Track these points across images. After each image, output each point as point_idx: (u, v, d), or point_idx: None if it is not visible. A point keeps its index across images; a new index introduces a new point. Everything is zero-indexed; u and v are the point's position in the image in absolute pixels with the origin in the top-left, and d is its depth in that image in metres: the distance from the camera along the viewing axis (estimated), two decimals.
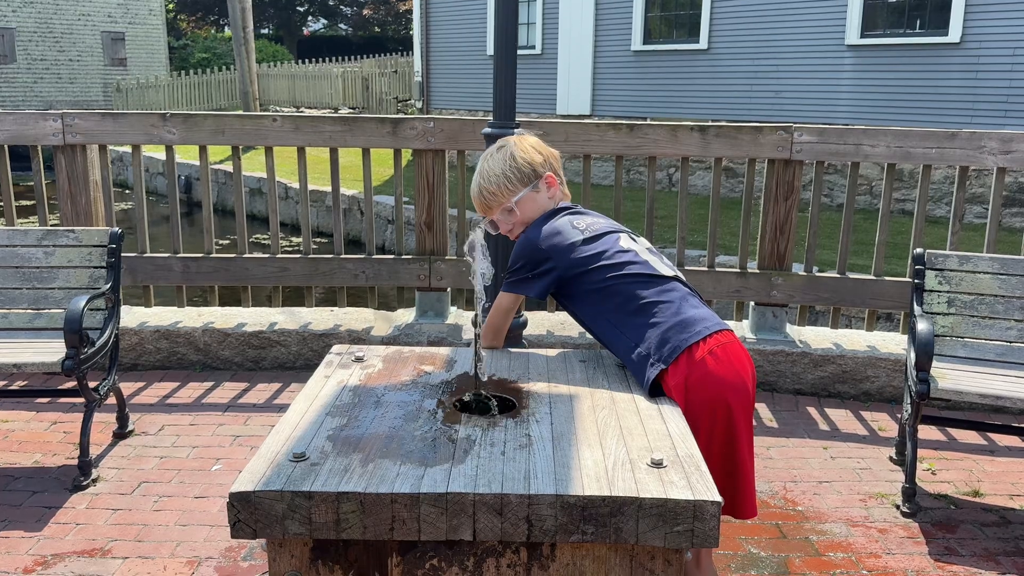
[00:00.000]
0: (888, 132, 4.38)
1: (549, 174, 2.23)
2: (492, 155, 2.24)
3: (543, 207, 2.23)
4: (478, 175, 2.24)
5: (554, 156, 2.28)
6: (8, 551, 2.86)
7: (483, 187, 2.22)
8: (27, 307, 3.72)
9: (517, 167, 2.19)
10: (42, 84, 27.29)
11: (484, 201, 2.23)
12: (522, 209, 2.21)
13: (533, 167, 2.21)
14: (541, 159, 2.23)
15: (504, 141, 2.26)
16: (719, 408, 2.02)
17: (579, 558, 1.52)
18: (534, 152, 2.23)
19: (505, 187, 2.19)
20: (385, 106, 23.33)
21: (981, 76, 10.23)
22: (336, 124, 4.60)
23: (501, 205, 2.20)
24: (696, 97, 13.29)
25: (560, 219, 2.21)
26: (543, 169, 2.23)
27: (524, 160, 2.20)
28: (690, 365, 2.00)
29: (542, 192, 2.23)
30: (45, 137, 4.53)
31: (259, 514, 1.47)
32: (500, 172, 2.19)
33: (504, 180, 2.18)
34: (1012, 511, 3.26)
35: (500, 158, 2.22)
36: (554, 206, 2.25)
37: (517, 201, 2.19)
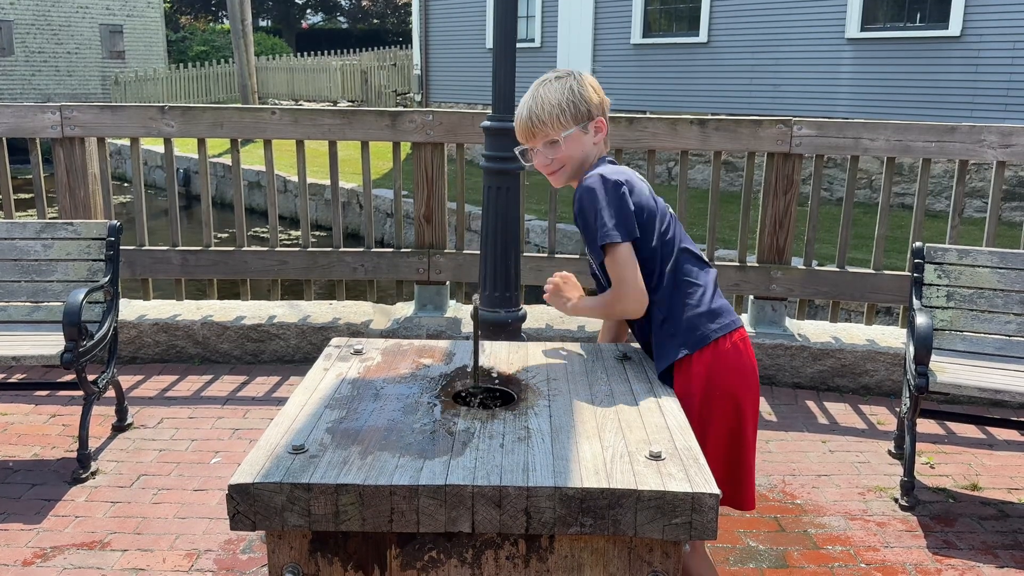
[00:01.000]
0: (888, 126, 4.38)
1: (601, 118, 2.10)
2: (550, 82, 2.09)
3: (587, 152, 2.10)
4: (530, 100, 2.08)
5: (607, 104, 2.14)
6: (7, 543, 2.87)
7: (534, 113, 2.07)
8: (26, 300, 3.72)
9: (574, 101, 2.06)
10: (40, 77, 27.22)
11: (531, 128, 2.09)
12: (567, 147, 2.07)
13: (589, 106, 2.08)
14: (598, 100, 2.09)
15: (564, 71, 2.13)
16: (735, 400, 2.03)
17: (577, 550, 1.53)
18: (593, 91, 2.09)
19: (558, 119, 2.05)
20: (384, 99, 23.29)
21: (981, 70, 10.21)
22: (335, 117, 4.59)
23: (547, 136, 2.07)
24: (695, 91, 13.26)
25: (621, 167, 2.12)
26: (597, 112, 2.09)
27: (582, 96, 2.07)
28: (715, 355, 2.00)
29: (590, 135, 2.09)
30: (43, 130, 4.52)
31: (258, 506, 1.47)
32: (556, 102, 2.04)
33: (559, 111, 2.05)
34: (1010, 505, 3.27)
35: (559, 87, 2.07)
36: (599, 154, 2.13)
37: (565, 137, 2.06)
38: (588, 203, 2.01)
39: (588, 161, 2.12)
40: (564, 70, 2.14)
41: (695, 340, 2.01)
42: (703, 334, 2.01)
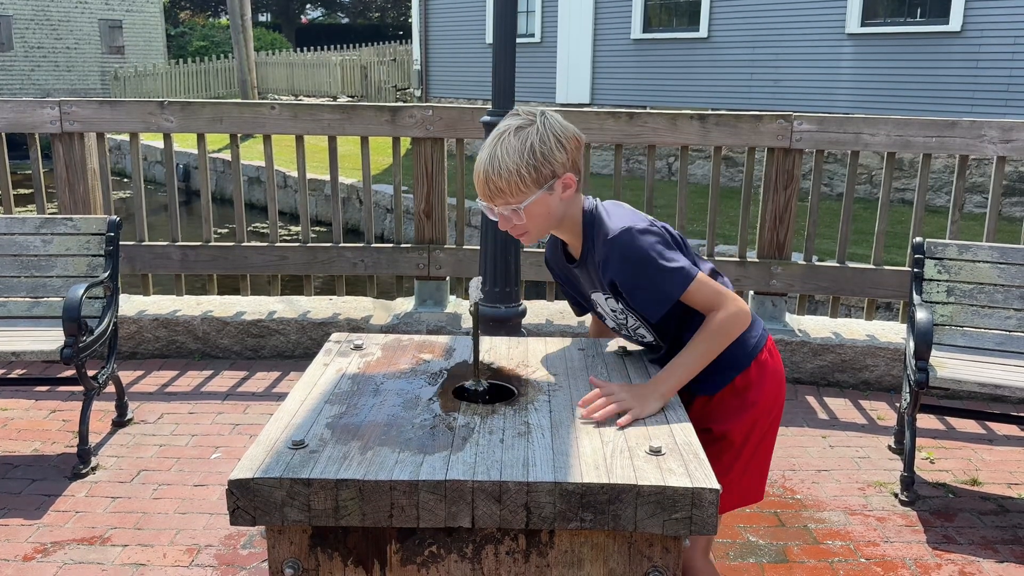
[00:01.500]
0: (888, 121, 4.37)
1: (569, 175, 1.85)
2: (508, 139, 1.81)
3: (555, 211, 1.87)
4: (487, 159, 1.82)
5: (578, 146, 1.87)
6: (8, 539, 2.87)
7: (491, 177, 1.81)
8: (25, 295, 3.72)
9: (536, 164, 1.80)
10: (39, 72, 27.19)
11: (488, 193, 1.84)
12: (532, 210, 1.84)
13: (554, 166, 1.82)
14: (563, 157, 1.83)
15: (526, 121, 1.83)
16: (781, 405, 2.03)
17: (577, 545, 1.53)
18: (557, 148, 1.82)
19: (517, 186, 1.80)
20: (384, 94, 23.26)
21: (982, 65, 10.20)
22: (335, 112, 4.58)
23: (507, 203, 1.83)
24: (696, 86, 13.25)
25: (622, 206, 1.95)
26: (563, 169, 1.84)
27: (544, 156, 1.80)
28: (760, 365, 1.97)
29: (556, 194, 1.85)
30: (43, 125, 4.51)
31: (258, 501, 1.47)
32: (515, 167, 1.78)
33: (517, 178, 1.79)
34: (1010, 500, 3.27)
35: (517, 147, 1.80)
36: (579, 203, 1.92)
37: (526, 206, 1.82)
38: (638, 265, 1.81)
39: (568, 214, 1.91)
40: (527, 116, 1.85)
41: (744, 357, 1.95)
42: (753, 345, 1.96)
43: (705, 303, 1.85)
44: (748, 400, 1.96)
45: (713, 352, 1.86)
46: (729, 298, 1.86)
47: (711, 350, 1.86)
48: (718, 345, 1.86)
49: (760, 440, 2.01)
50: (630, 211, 1.92)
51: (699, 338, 1.85)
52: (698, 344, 1.85)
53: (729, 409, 1.95)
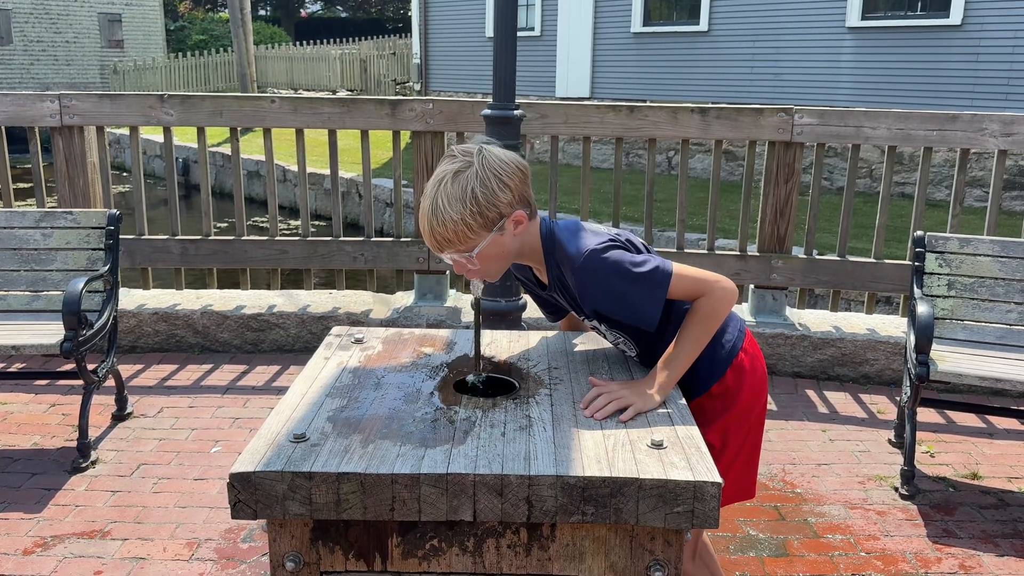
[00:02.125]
0: (889, 114, 4.36)
1: (518, 212, 1.77)
2: (447, 187, 1.72)
3: (508, 249, 1.80)
4: (431, 210, 1.73)
5: (523, 177, 1.79)
6: (8, 533, 2.87)
7: (435, 229, 1.73)
8: (25, 289, 3.71)
9: (479, 211, 1.71)
10: (39, 66, 27.13)
11: (436, 243, 1.76)
12: (483, 257, 1.77)
13: (499, 208, 1.73)
14: (508, 196, 1.74)
15: (463, 164, 1.74)
16: (761, 401, 2.02)
17: (579, 538, 1.52)
18: (500, 189, 1.73)
19: (464, 234, 1.72)
20: (383, 88, 23.22)
21: (982, 59, 10.18)
22: (335, 105, 4.57)
23: (456, 250, 1.76)
24: (696, 79, 13.23)
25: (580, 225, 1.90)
26: (510, 208, 1.75)
27: (488, 200, 1.72)
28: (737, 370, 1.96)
29: (508, 232, 1.77)
30: (42, 118, 4.50)
31: (259, 495, 1.46)
32: (459, 217, 1.70)
33: (463, 227, 1.71)
34: (1010, 493, 3.27)
35: (458, 196, 1.70)
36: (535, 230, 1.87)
37: (478, 252, 1.76)
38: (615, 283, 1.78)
39: (527, 244, 1.86)
40: (464, 158, 1.75)
41: (720, 364, 1.94)
42: (728, 351, 1.95)
43: (688, 292, 1.83)
44: (725, 405, 1.95)
45: (706, 337, 1.84)
46: (710, 280, 1.83)
47: (703, 336, 1.84)
48: (709, 329, 1.84)
49: (744, 439, 2.00)
50: (588, 231, 1.86)
51: (690, 326, 1.83)
52: (690, 332, 1.83)
53: (707, 414, 1.93)
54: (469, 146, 1.79)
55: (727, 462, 1.96)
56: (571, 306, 1.98)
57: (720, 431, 1.95)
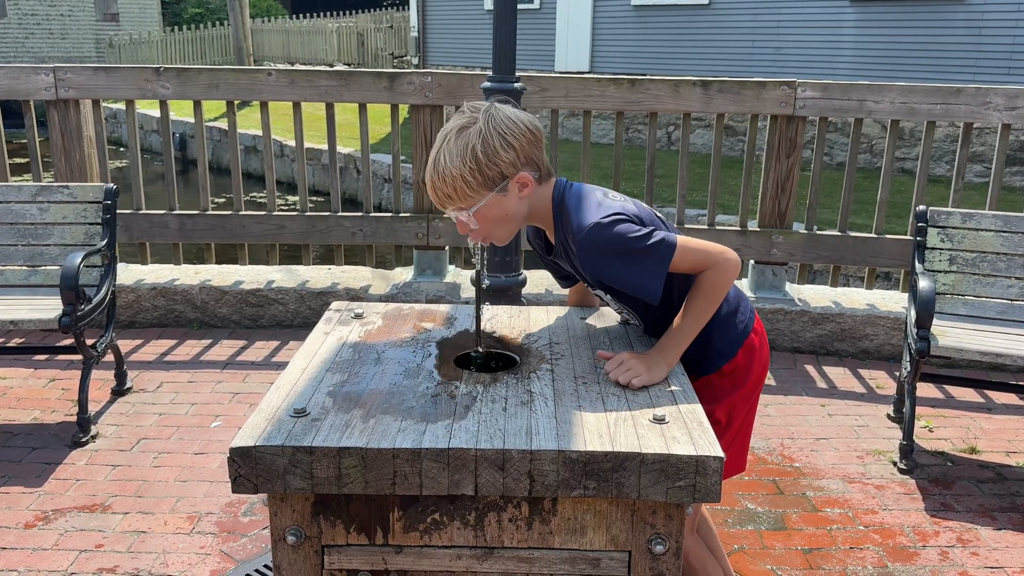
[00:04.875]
0: (893, 88, 4.33)
1: (522, 174, 1.75)
2: (450, 142, 1.72)
3: (513, 211, 1.79)
4: (432, 164, 1.74)
5: (533, 139, 1.76)
6: (9, 506, 2.87)
7: (436, 184, 1.74)
8: (23, 264, 3.70)
9: (479, 168, 1.70)
10: (33, 40, 26.86)
11: (437, 199, 1.77)
12: (483, 217, 1.76)
13: (501, 168, 1.72)
14: (512, 156, 1.72)
15: (470, 120, 1.73)
16: (762, 381, 2.03)
17: (580, 512, 1.52)
18: (503, 148, 1.71)
19: (463, 191, 1.72)
20: (381, 62, 23.04)
21: (985, 32, 10.09)
22: (332, 78, 4.53)
23: (458, 207, 1.76)
24: (697, 53, 13.11)
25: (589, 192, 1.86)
26: (513, 169, 1.74)
27: (490, 159, 1.70)
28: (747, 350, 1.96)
29: (511, 194, 1.76)
30: (37, 91, 4.46)
31: (260, 469, 1.46)
32: (458, 173, 1.70)
33: (462, 183, 1.71)
34: (1008, 468, 3.29)
35: (459, 151, 1.70)
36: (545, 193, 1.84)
37: (476, 211, 1.75)
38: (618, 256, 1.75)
39: (536, 208, 1.84)
40: (471, 114, 1.74)
41: (732, 345, 1.94)
42: (741, 331, 1.94)
43: (692, 266, 1.80)
44: (734, 383, 1.95)
45: (711, 310, 1.82)
46: (715, 253, 1.80)
47: (708, 309, 1.81)
48: (715, 302, 1.82)
49: (744, 417, 2.02)
50: (596, 202, 1.82)
51: (694, 300, 1.81)
52: (695, 306, 1.81)
53: (715, 392, 1.94)
54: (481, 103, 1.77)
55: (730, 438, 1.98)
56: (576, 273, 1.97)
57: (727, 409, 1.95)
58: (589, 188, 1.88)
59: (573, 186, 1.88)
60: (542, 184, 1.82)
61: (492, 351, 1.91)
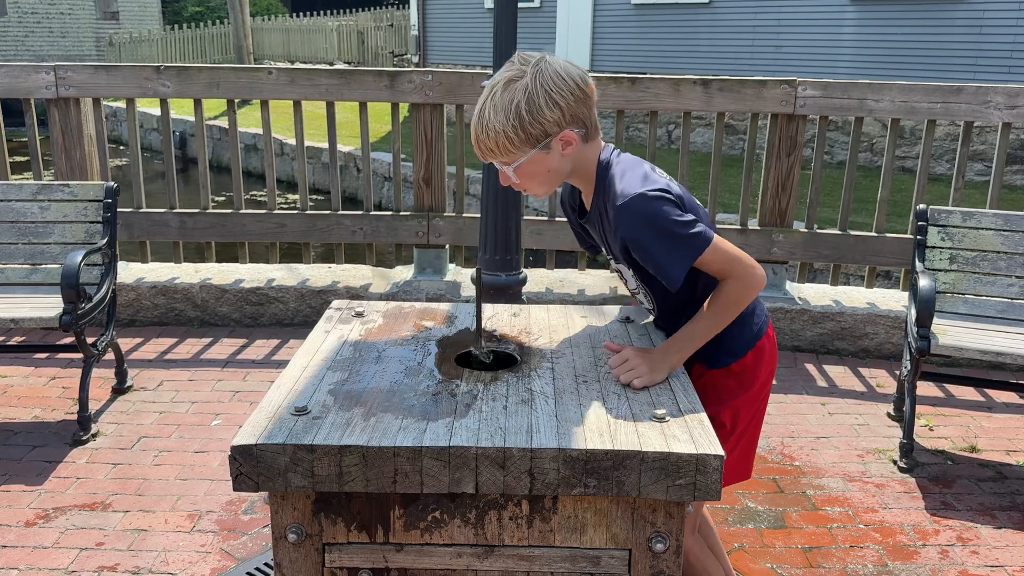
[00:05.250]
0: (893, 86, 4.33)
1: (566, 132, 1.72)
2: (496, 96, 1.70)
3: (556, 169, 1.77)
4: (477, 117, 1.73)
5: (581, 96, 1.72)
6: (10, 504, 2.88)
7: (480, 137, 1.73)
8: (23, 262, 3.70)
9: (521, 125, 1.68)
10: (33, 38, 26.84)
11: (480, 151, 1.76)
12: (529, 169, 1.75)
13: (544, 126, 1.69)
14: (556, 115, 1.69)
15: (518, 73, 1.69)
16: (769, 385, 2.02)
17: (581, 510, 1.53)
18: (548, 106, 1.68)
19: (505, 147, 1.71)
20: (381, 60, 23.03)
21: (985, 31, 10.09)
22: (332, 77, 4.53)
23: (500, 161, 1.75)
24: (697, 52, 13.11)
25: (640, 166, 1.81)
26: (557, 128, 1.71)
27: (533, 116, 1.68)
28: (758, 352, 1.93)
29: (554, 152, 1.74)
30: (38, 90, 4.46)
31: (261, 467, 1.46)
32: (501, 128, 1.68)
33: (504, 139, 1.69)
34: (1008, 466, 3.29)
35: (505, 105, 1.68)
36: (591, 154, 1.81)
37: (518, 166, 1.74)
38: (651, 232, 1.70)
39: (578, 167, 1.82)
40: (518, 67, 1.71)
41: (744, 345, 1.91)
42: (755, 333, 1.92)
43: (719, 269, 1.77)
44: (741, 384, 1.93)
45: (724, 323, 1.80)
46: (744, 263, 1.76)
47: (723, 321, 1.79)
48: (730, 316, 1.79)
49: (750, 421, 1.99)
50: (643, 173, 1.77)
51: (712, 309, 1.79)
52: (710, 315, 1.79)
53: (721, 392, 1.92)
54: (533, 54, 1.74)
55: (735, 441, 1.96)
56: (602, 242, 1.94)
57: (732, 412, 1.93)
58: (638, 160, 1.85)
59: (622, 154, 1.86)
60: (588, 143, 1.79)
61: (492, 350, 1.91)
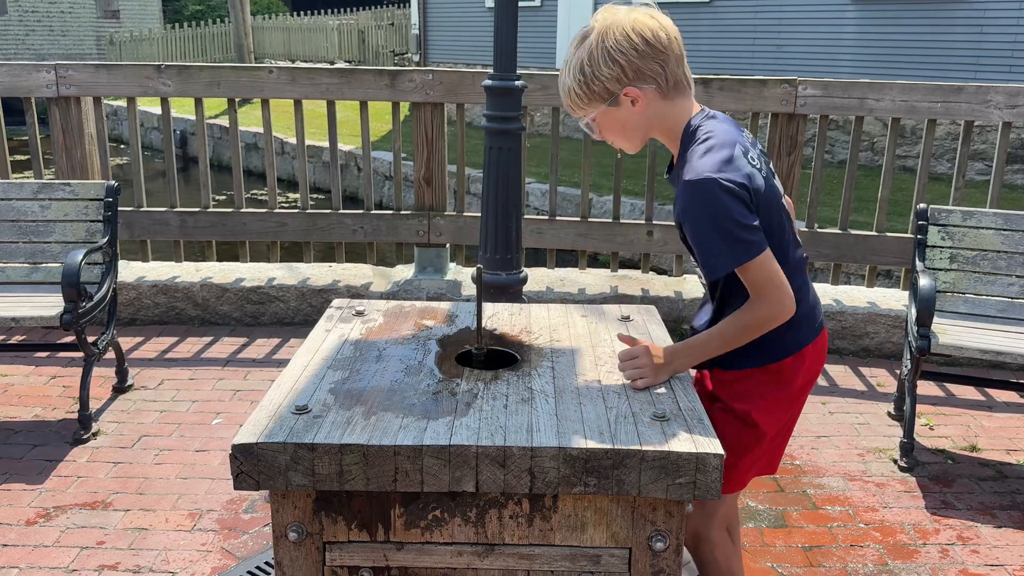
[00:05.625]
0: (893, 86, 4.33)
1: (629, 88, 1.71)
2: (570, 52, 1.76)
3: (631, 123, 1.77)
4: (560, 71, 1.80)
5: (649, 53, 1.69)
6: (10, 503, 2.88)
7: (560, 90, 1.81)
8: (24, 261, 3.70)
9: (585, 82, 1.72)
10: (34, 36, 26.85)
11: (564, 106, 1.84)
12: (604, 123, 1.78)
13: (604, 83, 1.71)
14: (616, 72, 1.69)
15: (589, 30, 1.74)
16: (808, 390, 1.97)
17: (581, 509, 1.53)
18: (606, 64, 1.69)
19: (577, 103, 1.77)
20: (382, 59, 23.03)
21: (986, 30, 10.08)
22: (333, 76, 4.53)
23: (576, 115, 1.81)
24: (697, 51, 13.09)
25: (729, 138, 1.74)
26: (618, 85, 1.71)
27: (594, 74, 1.70)
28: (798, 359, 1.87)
29: (624, 108, 1.74)
30: (39, 89, 4.46)
31: (262, 466, 1.46)
32: (569, 86, 1.75)
33: (575, 95, 1.76)
34: (1009, 466, 3.29)
35: (572, 65, 1.74)
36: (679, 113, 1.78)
37: (594, 118, 1.78)
38: (706, 222, 1.67)
39: (659, 125, 1.79)
40: (593, 23, 1.74)
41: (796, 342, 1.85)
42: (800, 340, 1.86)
43: (755, 284, 1.71)
44: (779, 384, 1.87)
45: (738, 343, 1.76)
46: (780, 290, 1.70)
47: (736, 341, 1.76)
48: (746, 337, 1.76)
49: (786, 422, 1.95)
50: (728, 156, 1.70)
51: (732, 325, 1.75)
52: (729, 329, 1.76)
53: (756, 387, 1.86)
54: (616, 7, 1.75)
55: (766, 444, 1.92)
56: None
57: (766, 410, 1.87)
58: (733, 136, 1.75)
59: (715, 122, 1.79)
60: (669, 100, 1.76)
61: (493, 348, 1.91)
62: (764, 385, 1.86)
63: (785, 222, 1.82)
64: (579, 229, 4.64)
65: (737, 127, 1.82)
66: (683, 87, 1.78)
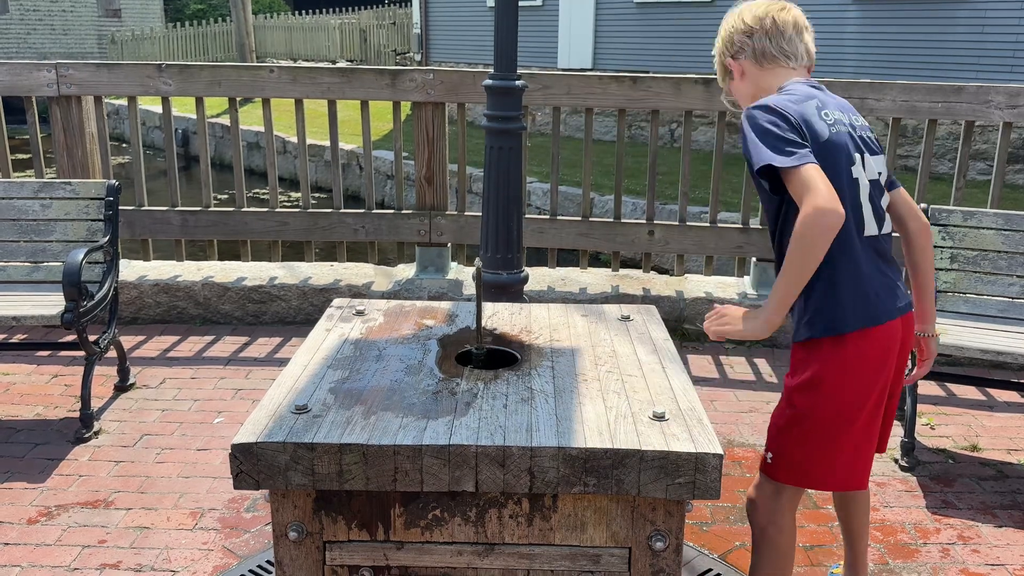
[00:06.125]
0: (894, 86, 4.32)
1: (727, 60, 2.06)
2: None
3: (745, 93, 2.05)
4: None
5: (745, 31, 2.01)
6: (12, 502, 2.88)
7: None
8: (25, 260, 3.71)
9: (717, 57, 2.10)
10: (35, 35, 26.86)
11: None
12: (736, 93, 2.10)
13: (720, 58, 2.08)
14: (720, 47, 2.08)
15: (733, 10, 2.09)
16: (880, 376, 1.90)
17: (581, 509, 1.53)
18: (723, 40, 2.07)
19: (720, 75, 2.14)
20: (383, 59, 23.03)
21: (988, 30, 10.07)
22: (334, 75, 4.53)
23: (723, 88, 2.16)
24: (700, 51, 13.06)
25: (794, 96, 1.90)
26: (728, 58, 2.05)
27: (717, 52, 2.09)
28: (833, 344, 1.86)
29: (737, 81, 2.07)
30: (40, 88, 4.46)
31: (262, 465, 1.47)
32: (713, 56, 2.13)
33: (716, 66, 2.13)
34: (1009, 465, 3.29)
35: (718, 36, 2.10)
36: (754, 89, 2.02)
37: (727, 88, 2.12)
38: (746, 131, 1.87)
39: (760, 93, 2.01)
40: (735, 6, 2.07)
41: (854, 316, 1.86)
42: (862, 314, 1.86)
43: (796, 194, 1.76)
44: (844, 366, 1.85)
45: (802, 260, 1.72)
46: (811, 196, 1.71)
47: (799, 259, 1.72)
48: (803, 251, 1.71)
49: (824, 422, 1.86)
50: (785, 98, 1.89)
51: (789, 247, 1.75)
52: (789, 253, 1.74)
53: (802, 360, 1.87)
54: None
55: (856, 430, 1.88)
56: None
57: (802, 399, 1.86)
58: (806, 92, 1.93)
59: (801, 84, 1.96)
60: (765, 70, 2.00)
61: (493, 348, 1.92)
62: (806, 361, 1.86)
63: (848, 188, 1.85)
64: (580, 228, 4.64)
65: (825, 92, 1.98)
66: (783, 58, 2.00)
